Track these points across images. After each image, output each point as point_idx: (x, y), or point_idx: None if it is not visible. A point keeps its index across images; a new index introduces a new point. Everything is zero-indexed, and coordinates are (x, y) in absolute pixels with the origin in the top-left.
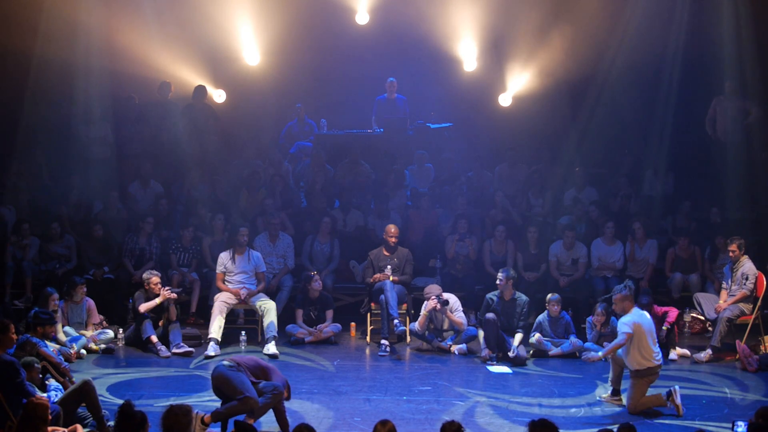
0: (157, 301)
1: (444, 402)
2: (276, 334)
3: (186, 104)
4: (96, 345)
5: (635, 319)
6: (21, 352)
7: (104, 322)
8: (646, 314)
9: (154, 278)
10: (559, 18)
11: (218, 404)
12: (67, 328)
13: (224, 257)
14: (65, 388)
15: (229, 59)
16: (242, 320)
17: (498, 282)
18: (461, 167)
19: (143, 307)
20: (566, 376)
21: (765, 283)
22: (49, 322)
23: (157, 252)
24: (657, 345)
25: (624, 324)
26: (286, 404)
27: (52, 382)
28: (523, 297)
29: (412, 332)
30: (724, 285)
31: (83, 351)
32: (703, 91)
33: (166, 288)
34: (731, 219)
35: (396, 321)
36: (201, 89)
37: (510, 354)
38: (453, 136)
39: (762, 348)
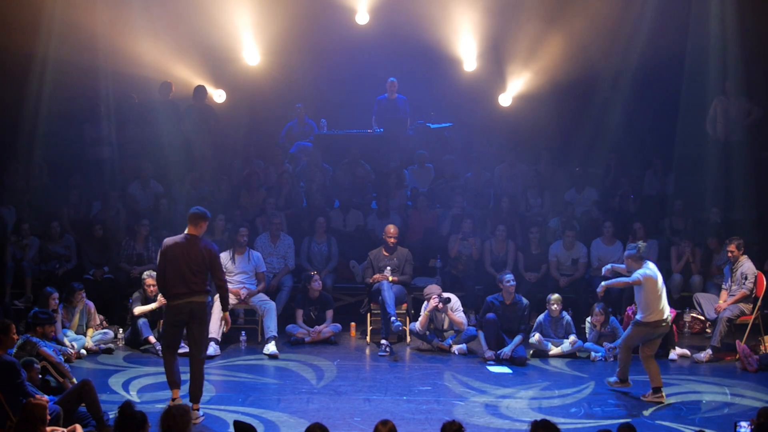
0: (152, 306)
1: (444, 402)
2: (276, 334)
3: (187, 104)
4: (95, 346)
5: (647, 272)
6: (21, 352)
7: (104, 323)
8: (656, 269)
9: (149, 279)
10: (559, 18)
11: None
12: (67, 330)
13: (224, 257)
14: (65, 388)
15: (229, 59)
16: (242, 320)
17: (508, 284)
18: (461, 167)
19: (138, 311)
20: (566, 376)
21: (765, 283)
22: (49, 321)
23: (156, 255)
24: (666, 303)
25: (637, 274)
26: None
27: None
28: (524, 300)
29: (412, 332)
30: (723, 285)
31: (83, 351)
32: (703, 91)
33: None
34: (731, 219)
35: (392, 318)
36: (201, 89)
37: (501, 356)
38: (453, 136)
39: (762, 348)
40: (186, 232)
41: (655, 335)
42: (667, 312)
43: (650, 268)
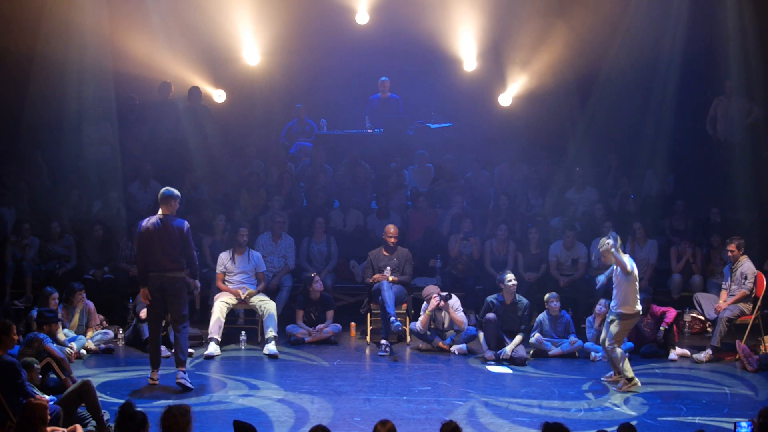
0: None
1: (444, 402)
2: (276, 334)
3: (186, 105)
4: (95, 346)
5: (634, 264)
6: (28, 349)
7: (104, 322)
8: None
9: None
10: (559, 18)
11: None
12: (66, 330)
13: (224, 257)
14: (66, 386)
15: (229, 59)
16: (242, 320)
17: (509, 283)
18: (460, 167)
19: (144, 314)
20: (566, 376)
21: (765, 283)
22: (54, 320)
23: None
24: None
25: (629, 263)
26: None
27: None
28: (524, 300)
29: (412, 332)
30: (723, 285)
31: (83, 351)
32: (703, 90)
33: None
34: (731, 219)
35: (392, 318)
36: (195, 91)
37: (501, 357)
38: (453, 136)
39: (762, 348)
40: (159, 213)
41: (631, 327)
42: (639, 304)
43: (633, 261)
